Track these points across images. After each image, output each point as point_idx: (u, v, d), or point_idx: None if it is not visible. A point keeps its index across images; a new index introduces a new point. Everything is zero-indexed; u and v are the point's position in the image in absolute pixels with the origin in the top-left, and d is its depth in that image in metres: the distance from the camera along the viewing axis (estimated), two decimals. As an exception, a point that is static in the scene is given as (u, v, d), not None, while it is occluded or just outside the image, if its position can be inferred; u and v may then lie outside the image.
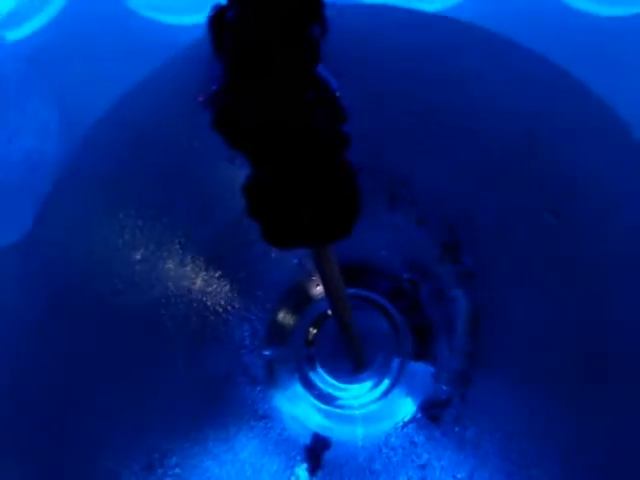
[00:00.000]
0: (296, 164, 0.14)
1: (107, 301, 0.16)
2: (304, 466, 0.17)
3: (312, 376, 0.20)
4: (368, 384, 0.20)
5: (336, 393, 0.20)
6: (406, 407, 0.19)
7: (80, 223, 0.17)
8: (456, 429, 0.18)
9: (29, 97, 0.30)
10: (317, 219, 0.14)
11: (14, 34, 0.36)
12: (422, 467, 0.18)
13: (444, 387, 0.19)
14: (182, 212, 0.16)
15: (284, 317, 0.19)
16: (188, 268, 0.16)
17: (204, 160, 0.15)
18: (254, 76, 0.11)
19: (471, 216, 0.18)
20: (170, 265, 0.16)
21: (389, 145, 0.18)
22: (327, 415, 0.19)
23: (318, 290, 0.20)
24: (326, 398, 0.20)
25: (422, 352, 0.19)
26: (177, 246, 0.16)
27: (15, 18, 0.36)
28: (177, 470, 0.15)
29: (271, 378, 0.19)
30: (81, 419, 0.16)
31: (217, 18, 0.11)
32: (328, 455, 0.18)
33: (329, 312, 0.20)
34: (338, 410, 0.20)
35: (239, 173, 0.14)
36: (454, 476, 0.17)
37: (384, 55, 0.17)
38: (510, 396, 0.18)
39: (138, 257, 0.15)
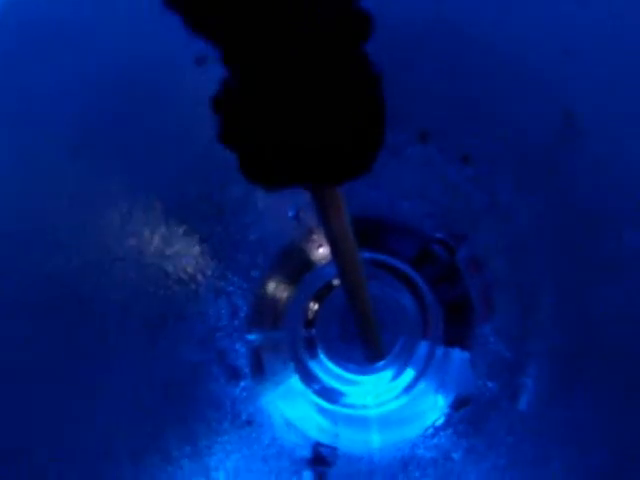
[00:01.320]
0: (292, 60, 0.09)
1: (27, 271, 0.11)
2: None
3: (313, 366, 0.16)
4: (387, 375, 0.16)
5: (344, 388, 0.16)
6: (437, 406, 0.15)
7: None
8: (508, 439, 0.14)
9: None
10: (322, 143, 0.10)
11: None
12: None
13: (487, 382, 0.14)
14: (128, 142, 0.11)
15: (275, 289, 0.14)
16: (138, 221, 0.11)
17: (157, 64, 0.11)
18: None
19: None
20: (113, 217, 0.11)
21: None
22: (332, 418, 0.15)
23: (321, 253, 0.15)
24: (331, 395, 0.16)
25: (457, 335, 0.15)
26: (123, 190, 0.11)
27: None
28: None
29: (258, 371, 0.14)
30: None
31: None
32: (333, 473, 0.14)
33: (335, 282, 0.16)
34: (347, 410, 0.15)
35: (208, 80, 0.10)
36: None
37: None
38: (576, 393, 0.14)
39: (65, 206, 0.11)
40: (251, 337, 0.14)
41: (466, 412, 0.15)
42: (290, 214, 0.15)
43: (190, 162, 0.12)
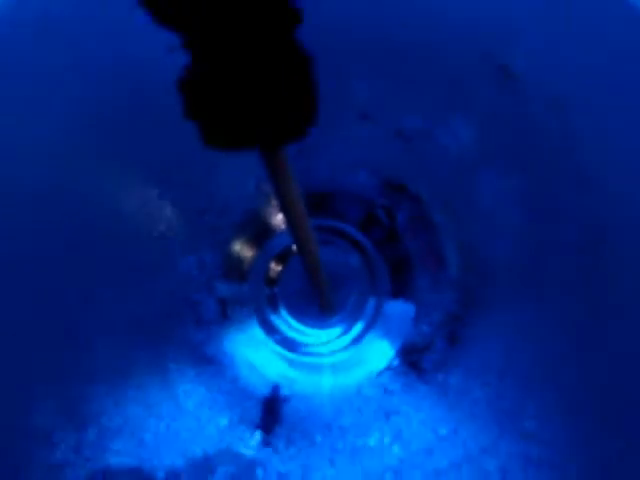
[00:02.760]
0: (240, 45, 0.11)
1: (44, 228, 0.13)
2: (260, 421, 0.15)
3: (274, 319, 0.17)
4: (338, 328, 0.17)
5: (301, 338, 0.17)
6: (382, 353, 0.17)
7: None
8: (439, 377, 0.15)
9: None
10: (265, 113, 0.12)
11: None
12: (399, 421, 0.15)
13: (426, 329, 0.16)
14: (109, 113, 0.13)
15: (240, 250, 0.16)
16: (116, 183, 0.13)
17: (132, 48, 0.13)
18: None
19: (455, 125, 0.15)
20: (92, 179, 0.13)
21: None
22: (290, 363, 0.17)
23: (279, 219, 0.17)
24: (290, 344, 0.17)
25: (400, 289, 0.17)
26: (102, 155, 0.13)
27: None
28: (104, 421, 0.13)
29: (224, 319, 0.16)
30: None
31: None
32: (289, 408, 0.15)
33: (293, 248, 0.18)
34: (303, 358, 0.17)
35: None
36: (435, 431, 0.15)
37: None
38: (503, 338, 0.16)
39: (47, 168, 0.12)
40: (218, 290, 0.16)
41: (407, 356, 0.17)
42: (252, 184, 0.16)
43: (162, 137, 0.13)
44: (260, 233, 0.17)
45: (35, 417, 0.14)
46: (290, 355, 0.17)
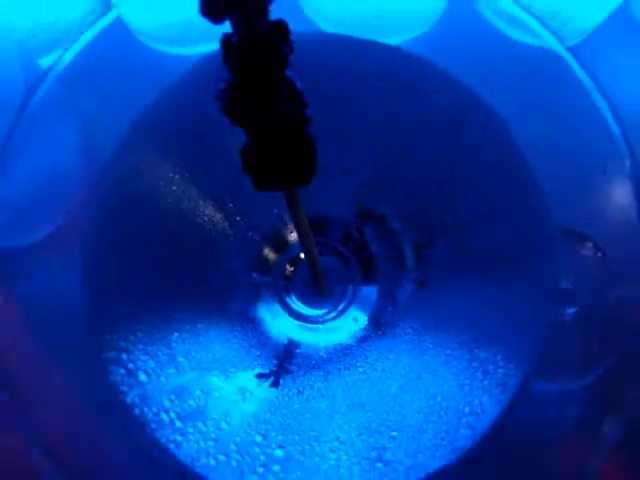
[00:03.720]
0: (275, 135, 0.21)
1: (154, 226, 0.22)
2: (279, 356, 0.24)
3: (288, 301, 0.26)
4: (329, 306, 0.27)
5: (306, 312, 0.26)
6: (359, 321, 0.26)
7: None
8: (393, 332, 0.25)
9: (53, 115, 0.35)
10: (288, 171, 0.21)
11: (46, 61, 0.43)
12: (367, 358, 0.25)
13: (385, 303, 0.26)
14: (203, 174, 0.22)
15: (268, 254, 0.26)
16: (206, 212, 0.23)
17: (217, 136, 0.22)
18: (247, 80, 0.18)
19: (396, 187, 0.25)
20: (196, 210, 0.22)
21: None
22: (299, 327, 0.26)
23: (293, 236, 0.27)
24: (298, 315, 0.26)
25: (369, 279, 0.26)
26: (200, 196, 0.23)
27: (48, 47, 0.43)
28: (174, 345, 0.22)
29: (257, 298, 0.25)
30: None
31: (225, 41, 0.18)
32: (299, 350, 0.25)
33: (301, 255, 0.27)
34: (307, 325, 0.26)
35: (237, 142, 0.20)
36: (389, 359, 0.24)
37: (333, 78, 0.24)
38: (439, 305, 0.25)
39: (171, 202, 0.22)
40: (255, 277, 0.25)
41: (372, 321, 0.26)
42: (275, 212, 0.26)
43: (229, 185, 0.23)
44: (280, 244, 0.26)
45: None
46: (298, 322, 0.26)
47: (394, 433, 0.21)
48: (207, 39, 0.27)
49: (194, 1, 0.19)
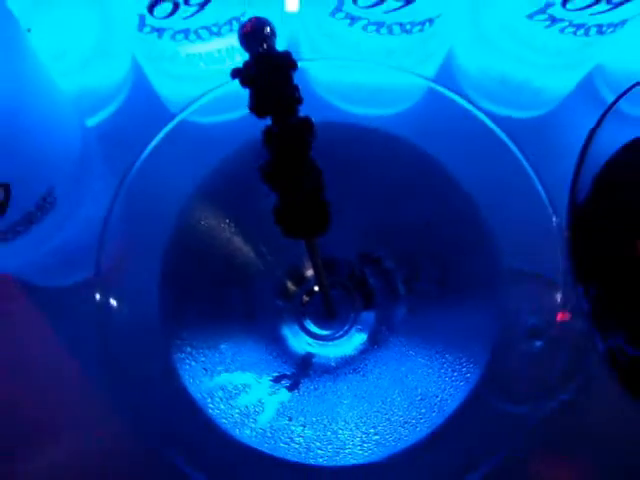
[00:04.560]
0: (299, 199, 0.27)
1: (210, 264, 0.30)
2: (298, 366, 0.32)
3: (305, 323, 0.33)
4: (337, 328, 0.34)
5: (318, 332, 0.33)
6: (359, 338, 0.34)
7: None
8: (388, 345, 0.32)
9: (96, 171, 0.36)
10: (308, 225, 0.29)
11: (91, 121, 0.50)
12: (366, 365, 0.32)
13: (379, 324, 0.33)
14: (245, 226, 0.31)
15: (290, 286, 0.34)
16: (245, 254, 0.31)
17: (256, 198, 0.30)
18: (282, 159, 0.26)
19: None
20: (239, 252, 0.31)
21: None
22: (314, 342, 0.33)
23: (309, 273, 0.34)
24: (313, 334, 0.32)
25: (367, 308, 0.34)
26: (242, 242, 0.31)
27: (94, 108, 0.50)
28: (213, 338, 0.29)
29: (282, 320, 0.33)
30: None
31: (267, 131, 0.26)
32: (314, 360, 0.32)
33: (316, 288, 0.33)
34: (319, 341, 0.33)
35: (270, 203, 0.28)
36: (389, 365, 0.31)
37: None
38: (425, 321, 0.32)
39: (222, 246, 0.30)
40: (279, 304, 0.33)
41: (371, 339, 0.33)
42: (296, 253, 0.34)
43: (264, 232, 0.30)
44: (299, 279, 0.34)
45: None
46: (313, 339, 0.34)
47: (386, 416, 0.28)
48: (227, 111, 0.33)
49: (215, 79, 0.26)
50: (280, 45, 0.37)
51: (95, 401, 0.34)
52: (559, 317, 0.29)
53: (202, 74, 0.40)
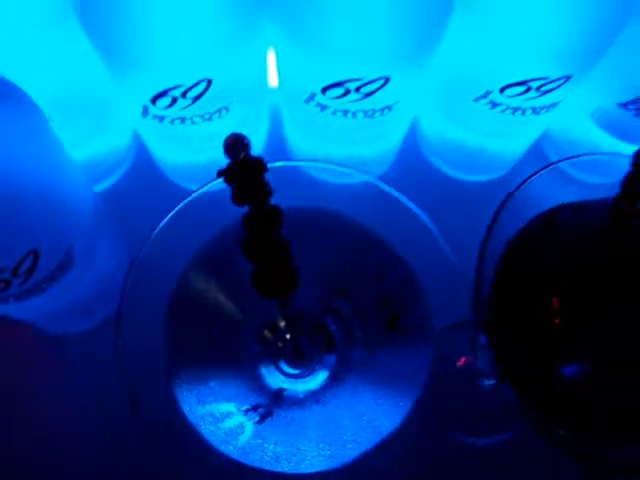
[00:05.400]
0: (272, 267, 0.33)
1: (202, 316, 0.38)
2: (271, 397, 0.40)
3: (279, 364, 0.39)
4: (304, 368, 0.41)
5: (290, 371, 0.40)
6: (321, 376, 0.41)
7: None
8: (345, 381, 0.40)
9: (107, 229, 0.41)
10: (279, 287, 0.36)
11: (98, 187, 0.58)
12: (327, 401, 0.40)
13: (339, 364, 0.41)
14: (231, 287, 0.39)
15: (267, 334, 0.41)
16: (231, 308, 0.39)
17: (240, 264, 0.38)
18: (257, 238, 0.33)
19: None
20: (224, 306, 0.39)
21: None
22: (286, 380, 0.41)
23: (282, 324, 0.41)
24: (285, 373, 0.37)
25: (329, 351, 0.42)
26: (228, 299, 0.39)
27: (99, 177, 0.58)
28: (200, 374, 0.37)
29: (260, 361, 0.41)
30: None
31: (245, 216, 0.33)
32: (285, 393, 0.40)
33: (288, 336, 0.39)
34: (290, 378, 0.37)
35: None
36: (346, 396, 0.39)
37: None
38: (375, 361, 0.40)
39: (212, 301, 0.39)
40: (258, 348, 0.41)
41: (332, 376, 0.41)
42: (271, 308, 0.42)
43: (247, 297, 0.39)
44: (274, 328, 0.42)
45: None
46: (285, 377, 0.41)
47: (339, 436, 0.36)
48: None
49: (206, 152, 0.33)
50: (265, 120, 0.46)
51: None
52: (460, 362, 0.37)
53: (196, 148, 0.45)
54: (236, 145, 0.23)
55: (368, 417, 0.36)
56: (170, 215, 0.35)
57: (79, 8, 0.33)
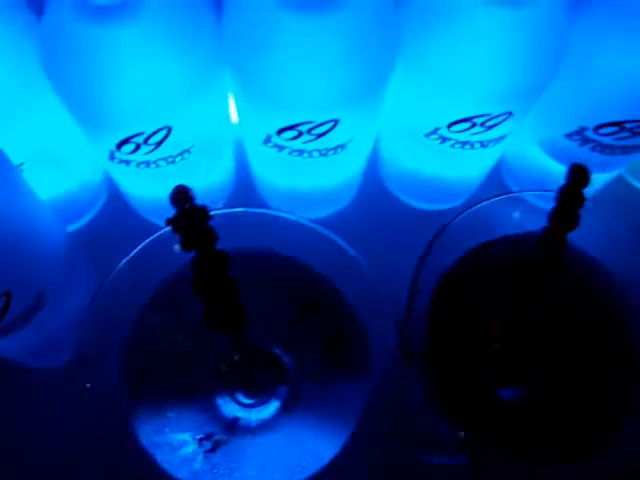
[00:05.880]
0: (222, 306, 0.36)
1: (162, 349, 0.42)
2: (227, 425, 0.43)
3: (235, 395, 0.41)
4: (258, 398, 0.44)
5: (244, 401, 0.42)
6: (273, 406, 0.44)
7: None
8: (294, 411, 0.43)
9: (78, 269, 0.42)
10: (230, 324, 0.40)
11: (71, 227, 0.57)
12: (277, 429, 0.43)
13: (290, 394, 0.45)
14: (189, 324, 0.42)
15: (223, 367, 0.44)
16: (189, 343, 0.42)
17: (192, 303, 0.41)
18: (204, 282, 0.38)
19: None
20: (183, 342, 0.42)
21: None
22: (240, 409, 0.44)
23: (237, 357, 0.46)
24: (240, 403, 0.38)
25: (281, 382, 0.45)
26: (186, 336, 0.42)
27: (73, 217, 0.57)
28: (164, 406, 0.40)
29: (216, 392, 0.44)
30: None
31: (194, 262, 0.36)
32: (240, 422, 0.42)
33: (241, 369, 0.45)
34: (245, 408, 0.39)
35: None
36: (289, 425, 0.42)
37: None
38: (321, 391, 0.43)
39: (170, 337, 0.42)
40: (213, 380, 0.44)
41: (283, 406, 0.45)
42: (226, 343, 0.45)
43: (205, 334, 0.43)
44: (230, 362, 0.45)
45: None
46: (240, 407, 0.43)
47: (287, 461, 0.40)
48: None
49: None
50: (229, 156, 0.48)
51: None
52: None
53: (162, 186, 0.47)
54: (181, 196, 0.25)
55: (312, 444, 0.39)
56: (125, 260, 0.38)
57: (46, 68, 0.36)
